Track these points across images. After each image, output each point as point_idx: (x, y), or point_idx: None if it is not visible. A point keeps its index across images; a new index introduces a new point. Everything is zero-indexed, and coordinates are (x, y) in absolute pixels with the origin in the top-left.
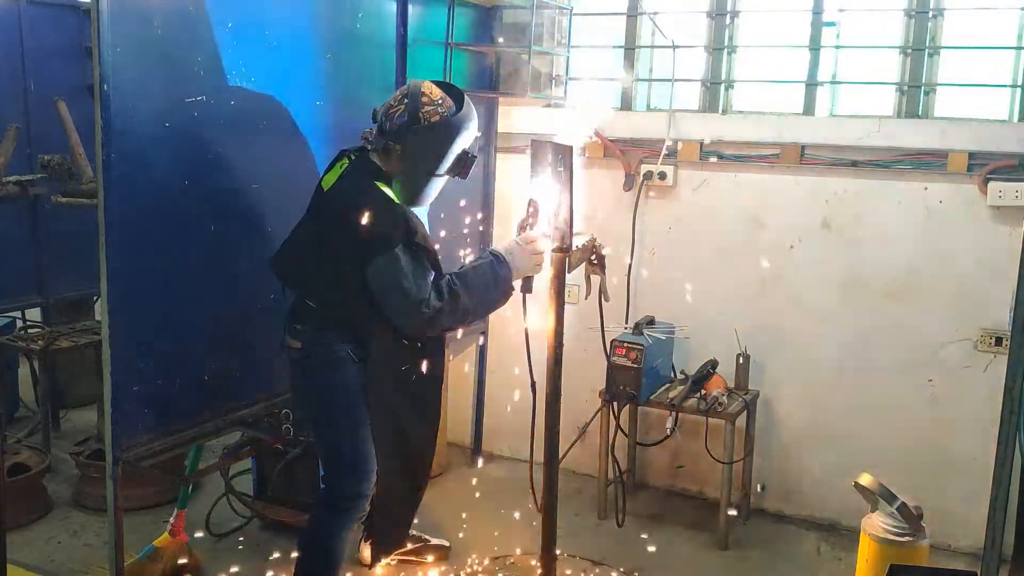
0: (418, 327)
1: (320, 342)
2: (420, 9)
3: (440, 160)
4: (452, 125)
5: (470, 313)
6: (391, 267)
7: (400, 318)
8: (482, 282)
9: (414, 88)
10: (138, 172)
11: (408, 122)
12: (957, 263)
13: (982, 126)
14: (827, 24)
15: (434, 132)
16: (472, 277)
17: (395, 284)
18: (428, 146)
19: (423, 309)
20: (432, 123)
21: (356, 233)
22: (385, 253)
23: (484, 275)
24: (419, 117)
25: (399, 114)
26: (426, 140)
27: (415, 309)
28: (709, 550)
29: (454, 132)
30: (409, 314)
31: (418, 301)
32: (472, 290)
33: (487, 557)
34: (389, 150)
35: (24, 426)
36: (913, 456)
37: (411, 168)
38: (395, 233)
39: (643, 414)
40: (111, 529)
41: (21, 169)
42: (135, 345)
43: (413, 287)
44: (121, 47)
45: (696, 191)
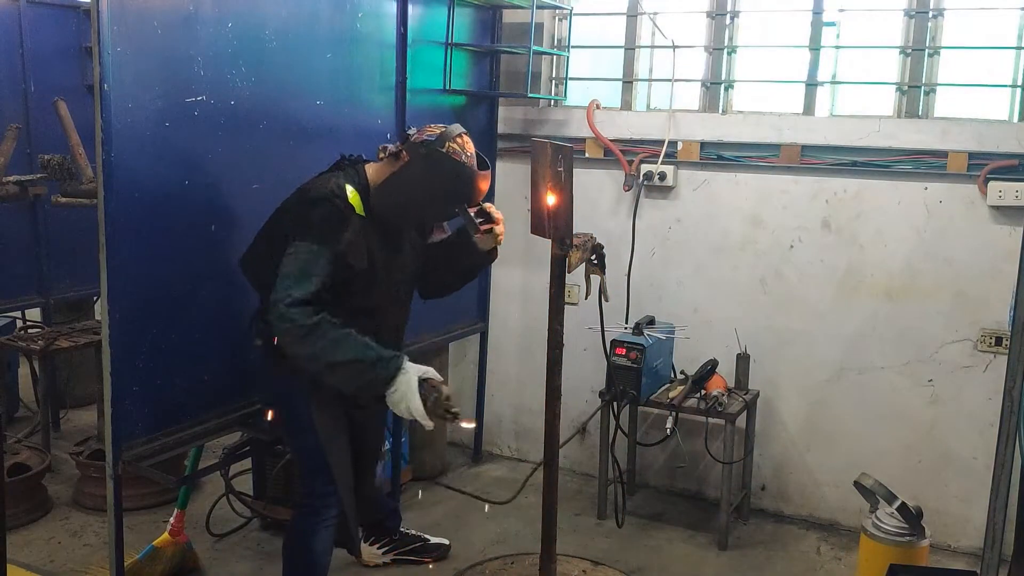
0: (273, 319)
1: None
2: (420, 9)
3: (426, 193)
4: (463, 174)
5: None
6: (300, 253)
7: (272, 298)
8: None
9: (454, 128)
10: (138, 172)
11: (434, 140)
12: (957, 263)
13: (982, 126)
14: (827, 24)
15: (440, 165)
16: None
17: (290, 267)
18: (426, 173)
19: (281, 307)
20: (445, 155)
21: (293, 225)
22: (313, 242)
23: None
24: (444, 144)
25: (432, 133)
26: (429, 166)
27: (279, 300)
28: (709, 550)
29: (457, 181)
30: (274, 301)
31: (287, 293)
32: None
33: (487, 557)
34: (397, 157)
35: (24, 426)
36: (913, 456)
37: (399, 184)
38: (327, 230)
39: (643, 414)
40: (111, 529)
41: (21, 169)
42: (135, 345)
43: (295, 280)
44: (121, 47)
45: (696, 191)
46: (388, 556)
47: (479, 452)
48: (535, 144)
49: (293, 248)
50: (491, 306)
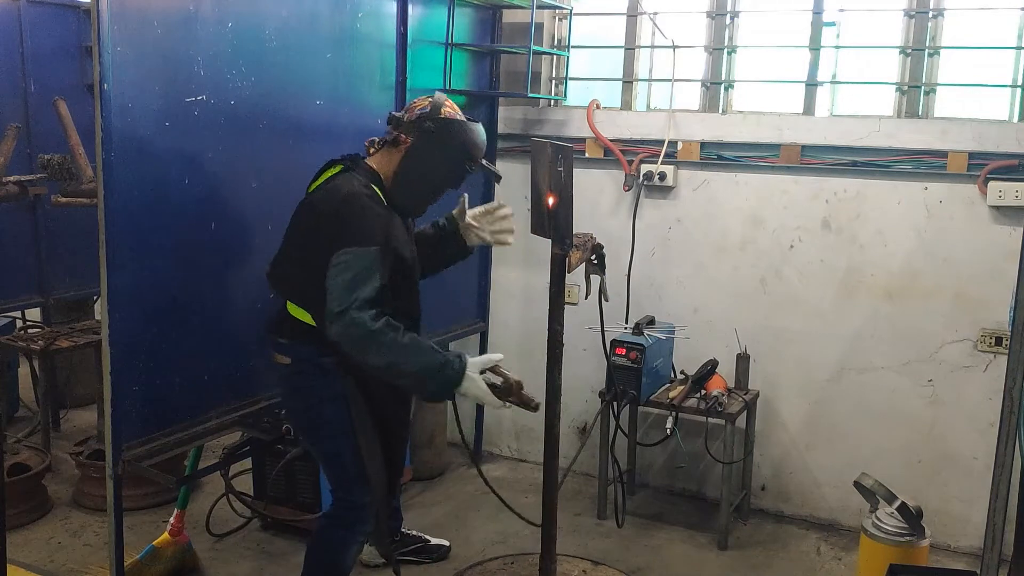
0: (342, 331)
1: (306, 355)
2: (420, 9)
3: (444, 164)
4: (467, 129)
5: (396, 374)
6: (355, 260)
7: (332, 312)
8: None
9: (439, 96)
10: (138, 172)
11: (429, 112)
12: (957, 263)
13: (982, 126)
14: (827, 24)
15: (449, 130)
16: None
17: (347, 275)
18: (438, 143)
19: (353, 311)
20: (449, 119)
21: (336, 231)
22: (362, 246)
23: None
24: (440, 111)
25: (422, 107)
26: (439, 136)
27: (348, 307)
28: (709, 550)
29: (467, 138)
30: (342, 311)
31: (353, 296)
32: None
33: (487, 557)
34: (398, 143)
35: (24, 426)
36: (913, 456)
37: (412, 167)
38: (376, 232)
39: (643, 414)
40: (111, 529)
41: (21, 169)
42: (135, 345)
43: (359, 283)
44: (121, 47)
45: (696, 191)
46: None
47: (479, 452)
48: (535, 144)
49: (344, 255)
50: (491, 306)
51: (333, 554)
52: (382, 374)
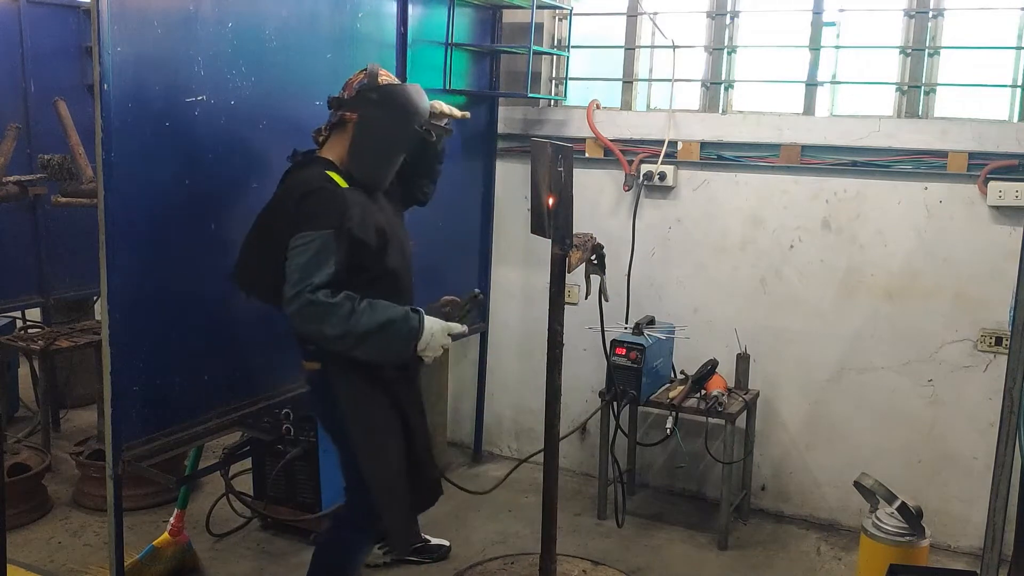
0: (296, 311)
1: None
2: (420, 9)
3: (395, 131)
4: (408, 91)
5: (358, 343)
6: (315, 243)
7: (287, 295)
8: (385, 318)
9: (373, 65)
10: (138, 172)
11: (368, 84)
12: (957, 263)
13: (982, 126)
14: (827, 24)
15: (392, 95)
16: (381, 308)
17: (309, 260)
18: (384, 110)
19: (307, 293)
20: (391, 86)
21: (294, 220)
22: (315, 230)
23: (392, 316)
24: (378, 79)
25: (359, 80)
26: (383, 105)
27: (301, 291)
28: (709, 550)
29: (409, 99)
30: (296, 294)
31: (307, 282)
32: (373, 318)
33: (487, 557)
34: (345, 123)
35: (24, 426)
36: (913, 456)
37: (367, 136)
38: (330, 216)
39: (643, 414)
40: (111, 529)
41: (21, 169)
42: (135, 345)
43: (313, 266)
44: (121, 47)
45: (696, 191)
46: (388, 556)
47: (479, 452)
48: (535, 144)
49: (299, 241)
50: (491, 306)
51: (342, 556)
52: (341, 345)
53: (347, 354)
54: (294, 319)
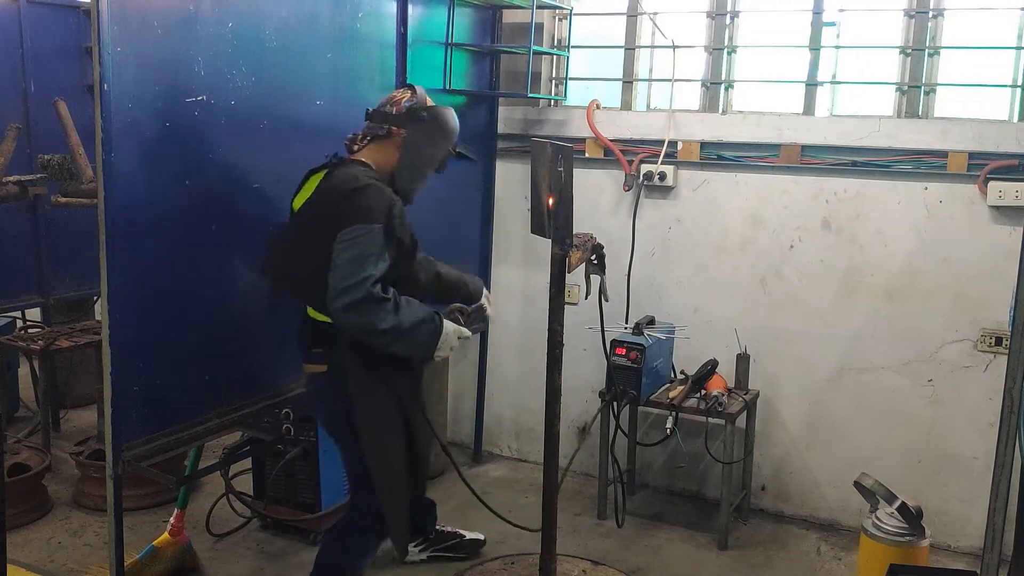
0: (351, 304)
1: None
2: (420, 9)
3: (436, 150)
4: (452, 116)
5: (399, 336)
6: (367, 238)
7: (342, 287)
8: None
9: (419, 88)
10: (138, 172)
11: (416, 107)
12: (957, 263)
13: (982, 126)
14: (827, 24)
15: (437, 120)
16: (418, 307)
17: (361, 255)
18: (430, 133)
19: (368, 286)
20: (439, 107)
21: (341, 211)
22: (367, 223)
23: (425, 315)
24: (426, 101)
25: (406, 99)
26: (431, 124)
27: (360, 284)
28: (709, 550)
29: (452, 124)
30: (351, 286)
31: (365, 277)
32: (414, 315)
33: (487, 557)
34: (390, 135)
35: (24, 426)
36: (913, 456)
37: (411, 155)
38: (381, 211)
39: (643, 414)
40: (111, 529)
41: (21, 169)
42: (135, 345)
43: (370, 263)
44: (121, 47)
45: (696, 191)
46: (424, 554)
47: (479, 452)
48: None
49: (351, 234)
50: None
51: (346, 558)
52: (386, 339)
53: (385, 348)
54: (347, 312)
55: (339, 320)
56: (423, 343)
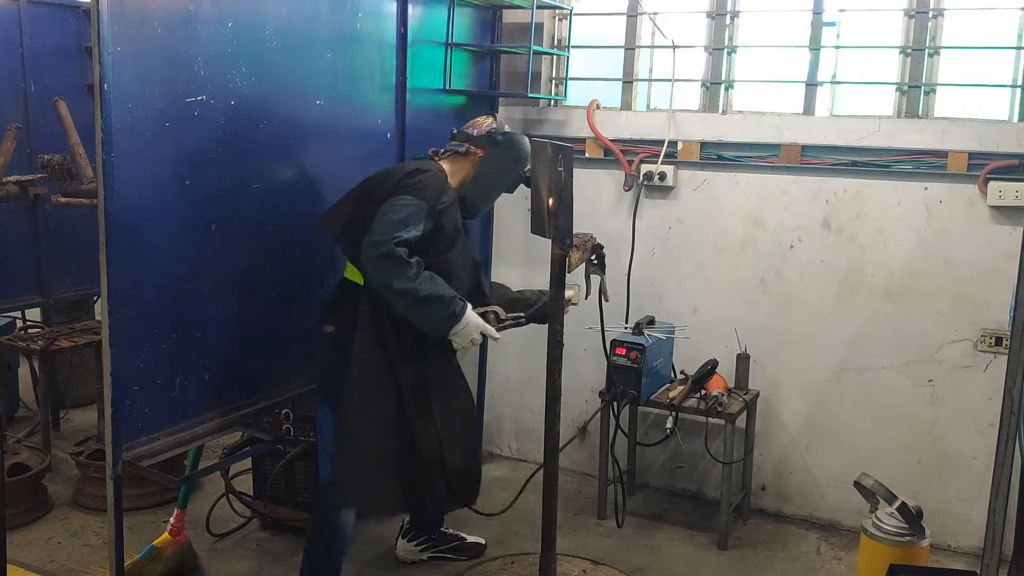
0: (376, 257)
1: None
2: (420, 9)
3: (508, 173)
4: (526, 143)
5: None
6: (404, 206)
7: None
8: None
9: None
10: (138, 172)
11: (494, 131)
12: (957, 263)
13: (982, 126)
14: (827, 24)
15: (512, 146)
16: (440, 286)
17: (398, 219)
18: (504, 157)
19: (392, 245)
20: (515, 133)
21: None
22: (410, 196)
23: (445, 294)
24: (504, 127)
25: (487, 124)
26: (504, 151)
27: (387, 241)
28: (709, 550)
29: (526, 150)
30: (380, 241)
31: (394, 235)
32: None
33: (487, 557)
34: (469, 154)
35: (24, 426)
36: (913, 456)
37: (483, 174)
38: (431, 192)
39: (643, 414)
40: (111, 529)
41: (21, 169)
42: (135, 345)
43: (405, 231)
44: (121, 47)
45: (696, 191)
46: (426, 554)
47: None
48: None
49: (397, 202)
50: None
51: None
52: (400, 300)
53: (401, 312)
54: (371, 266)
55: (364, 271)
56: (436, 320)
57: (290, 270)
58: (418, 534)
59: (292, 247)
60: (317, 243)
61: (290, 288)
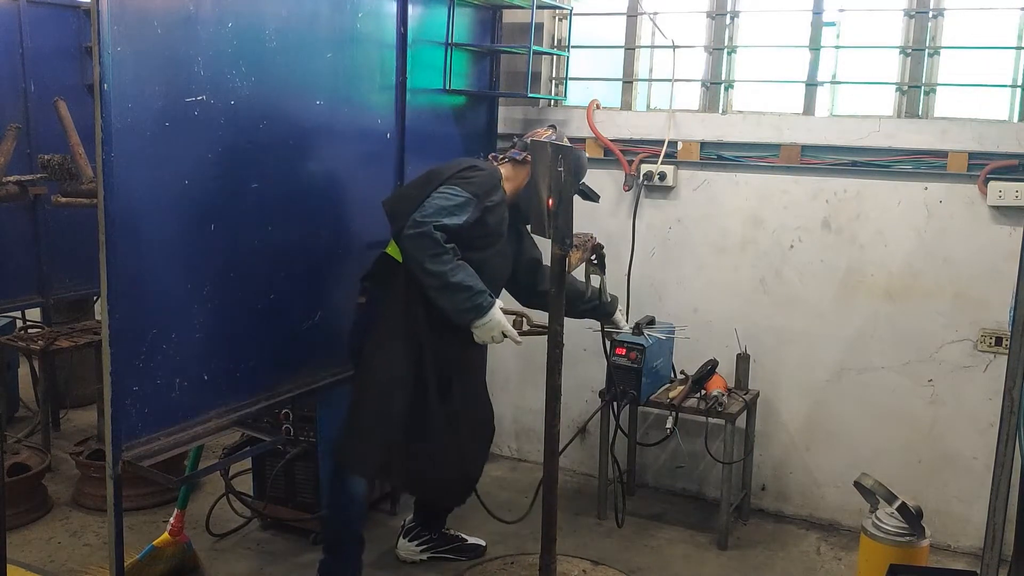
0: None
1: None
2: (420, 9)
3: None
4: (581, 154)
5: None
6: (457, 197)
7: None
8: (469, 284)
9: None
10: (138, 172)
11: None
12: (957, 263)
13: (982, 126)
14: (827, 24)
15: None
16: (471, 277)
17: (445, 205)
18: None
19: (431, 227)
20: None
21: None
22: (464, 189)
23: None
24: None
25: (548, 135)
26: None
27: (427, 222)
28: (709, 550)
29: (580, 164)
30: (421, 221)
31: (436, 219)
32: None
33: (487, 557)
34: (525, 163)
35: (24, 426)
36: (913, 456)
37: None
38: (481, 187)
39: (643, 414)
40: (111, 529)
41: (21, 169)
42: (135, 345)
43: (448, 219)
44: (121, 47)
45: (696, 191)
46: (426, 555)
47: None
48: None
49: (448, 189)
50: None
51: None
52: (430, 281)
53: (429, 293)
54: (407, 241)
55: (402, 247)
56: (460, 308)
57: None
58: (420, 534)
59: (292, 247)
60: (317, 243)
61: (290, 288)
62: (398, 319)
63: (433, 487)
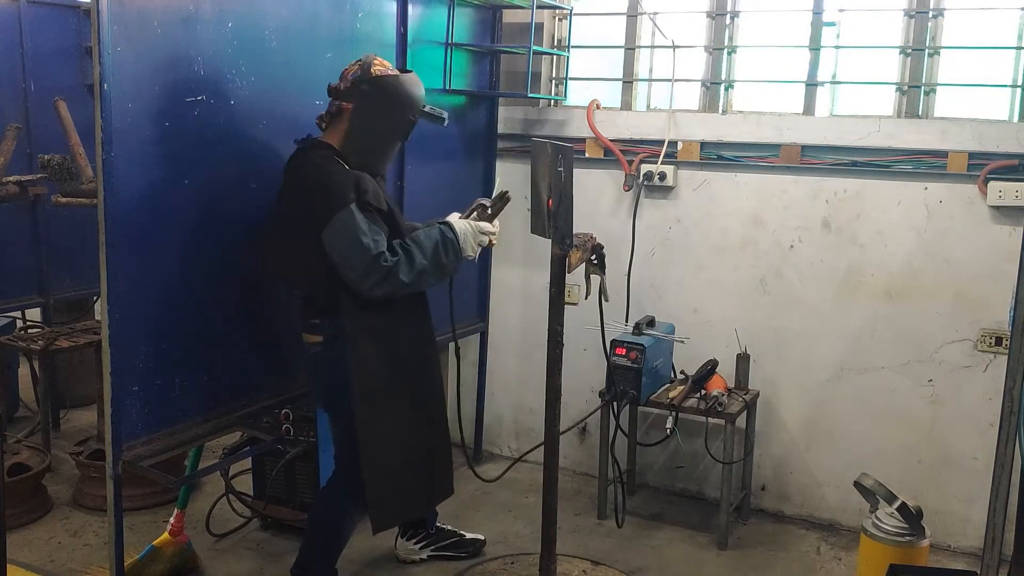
0: (378, 283)
1: (334, 330)
2: (420, 9)
3: (391, 120)
4: (401, 82)
5: (426, 273)
6: (348, 223)
7: (360, 275)
8: (431, 243)
9: (368, 56)
10: (138, 172)
11: (361, 76)
12: (957, 263)
13: (982, 126)
14: (827, 24)
15: (383, 86)
16: (422, 238)
17: (354, 240)
18: (379, 104)
19: (382, 262)
20: (381, 76)
21: (310, 202)
22: (340, 211)
23: (433, 238)
24: (371, 72)
25: (353, 72)
26: (375, 94)
27: (375, 262)
28: (709, 550)
29: (401, 90)
30: (370, 269)
31: (377, 254)
32: (423, 249)
33: (487, 557)
34: (341, 112)
35: (24, 426)
36: (913, 456)
37: (362, 125)
38: (346, 192)
39: (643, 414)
40: (111, 529)
41: (21, 169)
42: (135, 345)
43: (371, 242)
44: (121, 47)
45: (696, 191)
46: (425, 552)
47: (479, 452)
48: (535, 144)
49: (332, 228)
50: (491, 306)
51: (335, 520)
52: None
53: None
54: (375, 290)
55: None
56: (447, 263)
57: None
58: (416, 532)
59: None
60: None
61: None
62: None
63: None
